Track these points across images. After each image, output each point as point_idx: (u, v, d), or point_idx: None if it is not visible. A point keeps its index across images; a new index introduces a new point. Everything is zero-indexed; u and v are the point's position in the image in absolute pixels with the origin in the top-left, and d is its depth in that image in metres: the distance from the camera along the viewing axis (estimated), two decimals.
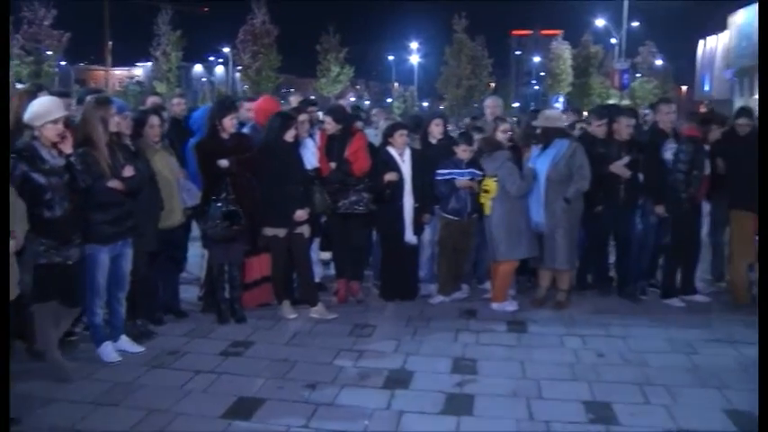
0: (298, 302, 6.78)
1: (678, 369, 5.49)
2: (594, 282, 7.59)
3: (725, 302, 7.26)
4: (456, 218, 6.95)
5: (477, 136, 7.29)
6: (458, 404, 4.80)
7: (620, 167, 6.99)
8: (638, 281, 7.35)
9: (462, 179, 6.85)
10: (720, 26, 71.93)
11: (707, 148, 7.01)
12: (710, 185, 7.12)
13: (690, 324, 6.56)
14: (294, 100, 8.94)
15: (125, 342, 5.62)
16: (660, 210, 7.04)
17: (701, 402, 4.90)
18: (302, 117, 6.86)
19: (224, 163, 6.18)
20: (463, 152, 6.92)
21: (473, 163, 6.95)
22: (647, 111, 8.71)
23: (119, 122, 5.42)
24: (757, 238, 6.93)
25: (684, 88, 79.89)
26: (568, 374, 5.35)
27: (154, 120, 6.07)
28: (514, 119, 9.03)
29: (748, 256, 7.14)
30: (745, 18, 65.88)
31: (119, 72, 58.06)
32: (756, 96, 56.10)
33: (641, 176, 7.13)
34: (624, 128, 7.13)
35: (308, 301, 6.73)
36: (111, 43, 41.99)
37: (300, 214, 6.47)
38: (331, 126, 7.07)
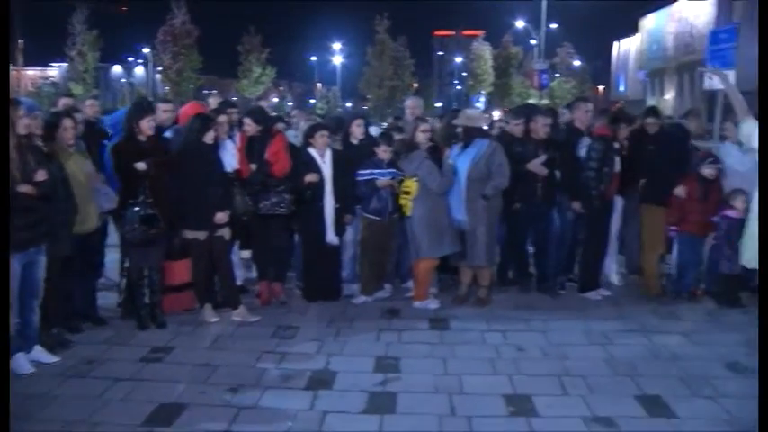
0: (220, 306, 6.70)
1: (594, 360, 5.68)
2: (515, 278, 7.74)
3: (637, 294, 7.53)
4: (377, 218, 6.99)
5: (397, 136, 7.37)
6: (380, 402, 4.84)
7: (537, 165, 7.16)
8: (557, 276, 7.55)
9: (383, 179, 6.90)
10: (633, 29, 74.49)
11: (617, 146, 7.24)
12: (621, 182, 7.36)
13: (606, 316, 6.79)
14: (213, 101, 8.83)
15: (39, 352, 5.44)
16: (576, 206, 7.25)
17: (615, 390, 5.08)
18: (221, 119, 6.79)
19: (141, 166, 6.07)
20: (384, 152, 6.97)
21: (394, 163, 7.01)
22: (565, 111, 8.97)
23: (28, 124, 5.24)
24: (669, 228, 7.25)
25: (601, 88, 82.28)
26: (489, 369, 5.46)
27: (67, 122, 5.89)
28: (435, 119, 9.07)
29: (659, 248, 7.45)
30: (655, 23, 68.51)
31: (32, 72, 55.98)
32: (666, 96, 58.42)
33: (558, 174, 7.32)
34: (541, 127, 7.31)
35: (230, 304, 6.66)
36: (21, 42, 40.45)
37: (221, 217, 6.40)
38: (251, 127, 7.03)
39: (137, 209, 6.06)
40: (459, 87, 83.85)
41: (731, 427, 4.55)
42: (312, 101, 74.06)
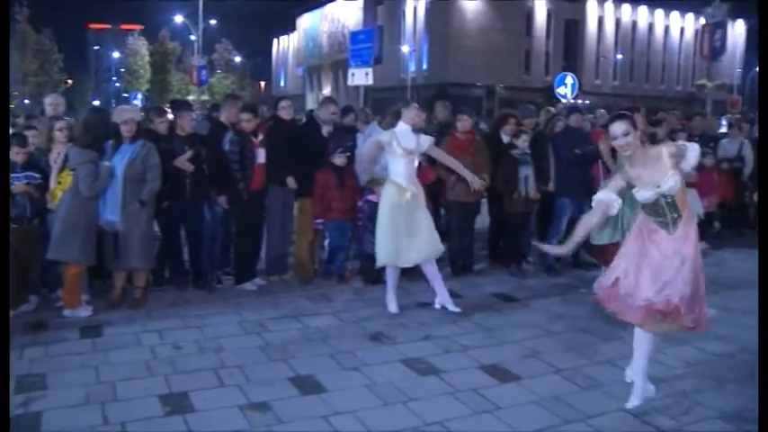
0: None
1: (250, 349, 5.81)
2: (171, 276, 7.62)
3: (291, 281, 7.88)
4: (14, 225, 6.42)
5: (30, 134, 6.88)
6: (22, 425, 4.45)
7: (183, 162, 7.10)
8: (213, 270, 7.59)
9: (18, 184, 6.37)
10: (291, 27, 77.49)
11: (260, 138, 7.47)
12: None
13: (261, 305, 6.98)
14: None
15: None
16: (222, 200, 7.35)
17: (270, 375, 5.25)
18: None
19: None
20: (17, 155, 6.43)
21: (31, 165, 6.50)
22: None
23: None
24: (316, 221, 7.64)
25: (263, 84, 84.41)
26: (144, 371, 5.31)
27: None
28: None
29: (309, 234, 7.84)
30: (310, 22, 72.25)
31: None
32: (324, 91, 61.96)
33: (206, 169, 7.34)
34: (187, 122, 7.28)
35: None
36: None
37: None
38: None
39: None
40: (117, 84, 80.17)
41: (373, 393, 4.96)
42: None
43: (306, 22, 74.01)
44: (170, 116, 7.54)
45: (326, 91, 64.05)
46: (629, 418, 4.63)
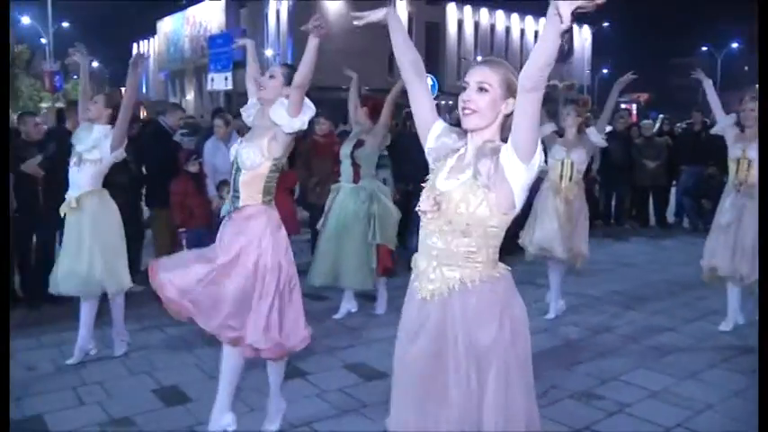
0: None
1: (112, 363, 5.67)
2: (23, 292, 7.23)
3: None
4: None
5: None
6: None
7: (32, 167, 6.84)
8: None
9: None
10: (151, 31, 75.25)
11: None
12: None
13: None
14: None
15: None
16: None
17: (133, 390, 5.10)
18: None
19: None
20: None
21: None
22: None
23: None
24: (180, 231, 7.45)
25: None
26: None
27: None
28: None
29: (167, 246, 7.64)
30: (172, 26, 70.30)
31: None
32: (188, 97, 60.22)
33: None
34: (32, 128, 7.10)
35: None
36: None
37: None
38: None
39: None
40: None
41: (238, 399, 4.91)
42: None
43: (167, 25, 72.08)
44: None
45: (190, 96, 62.66)
46: None
